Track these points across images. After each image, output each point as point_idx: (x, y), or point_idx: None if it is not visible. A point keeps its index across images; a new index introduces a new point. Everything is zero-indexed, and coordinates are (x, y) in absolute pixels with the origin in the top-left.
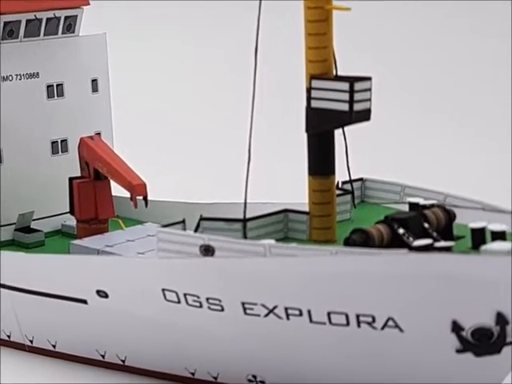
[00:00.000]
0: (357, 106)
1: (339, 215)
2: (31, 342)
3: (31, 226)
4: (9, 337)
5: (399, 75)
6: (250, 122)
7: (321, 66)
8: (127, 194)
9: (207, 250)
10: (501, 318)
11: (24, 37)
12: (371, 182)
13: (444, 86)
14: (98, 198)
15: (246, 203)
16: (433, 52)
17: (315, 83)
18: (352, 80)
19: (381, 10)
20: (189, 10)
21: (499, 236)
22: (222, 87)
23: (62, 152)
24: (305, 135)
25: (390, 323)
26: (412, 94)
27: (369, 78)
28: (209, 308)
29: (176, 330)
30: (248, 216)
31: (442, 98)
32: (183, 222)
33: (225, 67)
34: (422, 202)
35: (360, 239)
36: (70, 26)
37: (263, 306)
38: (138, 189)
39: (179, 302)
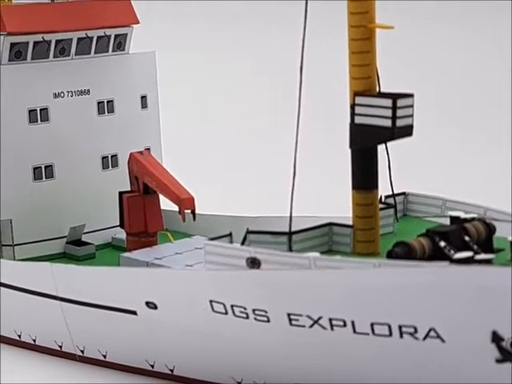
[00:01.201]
0: (399, 122)
1: (382, 228)
2: (82, 352)
3: (82, 239)
4: (60, 347)
5: (440, 91)
6: (295, 138)
7: (364, 83)
8: (176, 208)
9: (253, 263)
10: None
11: (75, 54)
12: (413, 196)
13: (484, 102)
14: (148, 211)
15: (291, 217)
16: (473, 69)
17: (359, 100)
18: (395, 97)
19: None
20: (234, 28)
21: None
22: (268, 103)
23: (112, 167)
24: (349, 150)
25: (432, 334)
26: (452, 110)
27: (411, 95)
28: (255, 319)
29: (223, 341)
30: (293, 229)
31: (482, 115)
32: (230, 235)
33: (271, 84)
34: (462, 215)
35: (402, 252)
36: (120, 43)
37: (308, 317)
38: (186, 202)
39: (226, 313)
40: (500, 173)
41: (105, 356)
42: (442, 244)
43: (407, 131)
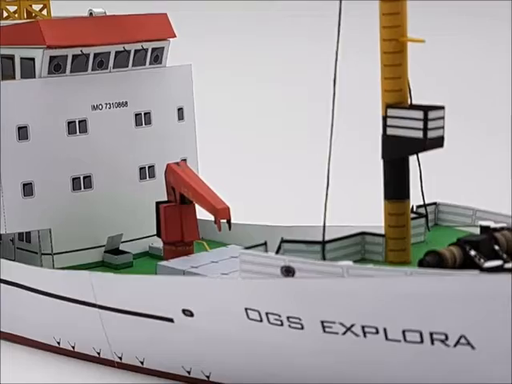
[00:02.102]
0: (431, 134)
1: (414, 238)
2: (120, 358)
3: (120, 248)
4: (98, 354)
5: (471, 103)
6: (328, 149)
7: (396, 96)
8: (211, 218)
9: (288, 271)
10: None
11: (113, 67)
12: (444, 206)
13: None
14: (184, 221)
15: (324, 226)
16: (504, 82)
17: (391, 112)
18: (426, 109)
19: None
20: (267, 42)
21: None
22: (302, 115)
23: (149, 177)
24: (381, 161)
25: (462, 341)
26: (484, 121)
27: (442, 107)
28: (289, 326)
29: (258, 348)
30: (327, 238)
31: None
32: (265, 244)
33: (304, 96)
34: (492, 225)
35: (434, 260)
36: (157, 57)
37: (341, 324)
38: (221, 212)
39: (261, 320)
40: None
41: (142, 363)
42: (473, 253)
43: (438, 142)
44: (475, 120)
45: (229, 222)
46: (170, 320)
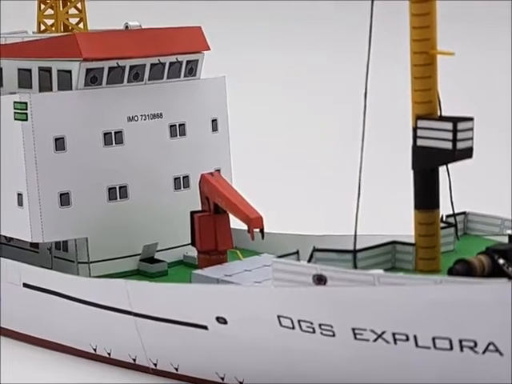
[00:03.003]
0: (460, 145)
1: (443, 246)
2: (155, 365)
3: (155, 257)
4: (134, 360)
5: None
6: (360, 159)
7: (426, 107)
8: (245, 227)
9: (320, 279)
10: None
11: (148, 79)
12: (473, 215)
13: None
14: (218, 230)
15: (356, 235)
16: None
17: (421, 123)
18: (455, 120)
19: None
20: (299, 54)
21: None
22: (333, 126)
23: (183, 187)
24: (411, 172)
25: (491, 348)
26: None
27: (471, 118)
28: (321, 333)
29: (290, 355)
30: (358, 247)
31: None
32: (297, 252)
33: (336, 108)
34: None
35: (463, 269)
36: (192, 69)
37: (372, 331)
38: (254, 222)
39: (293, 327)
40: None
41: (177, 369)
42: (501, 261)
43: (467, 153)
44: (503, 131)
45: (262, 231)
46: (204, 327)
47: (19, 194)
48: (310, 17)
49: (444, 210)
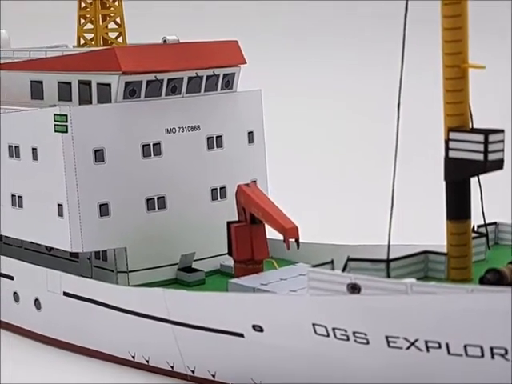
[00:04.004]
0: (491, 156)
1: (475, 256)
2: (193, 372)
3: (193, 266)
4: (172, 367)
5: None
6: (393, 170)
7: (458, 120)
8: (280, 237)
9: (354, 288)
10: None
11: (186, 92)
12: (504, 225)
13: None
14: (254, 240)
15: (389, 245)
16: None
17: (453, 135)
18: (487, 132)
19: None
20: (332, 67)
21: None
22: (367, 138)
23: (220, 198)
24: (443, 183)
25: None
26: None
27: (501, 131)
28: (355, 341)
29: (325, 362)
30: (391, 257)
31: None
32: (332, 262)
33: (370, 119)
34: None
35: (494, 278)
36: (229, 82)
37: (405, 339)
38: (290, 232)
39: (328, 335)
40: None
41: (214, 376)
42: None
43: (498, 165)
44: None
45: (297, 240)
46: (241, 335)
47: (59, 205)
48: (344, 30)
49: (475, 220)
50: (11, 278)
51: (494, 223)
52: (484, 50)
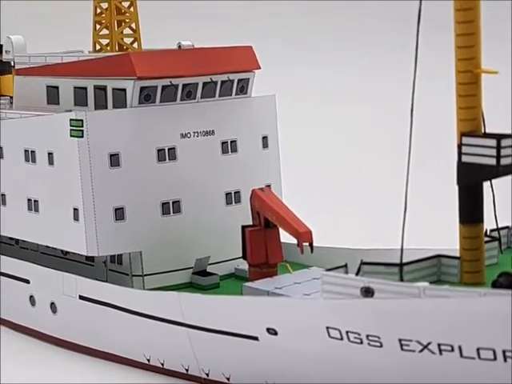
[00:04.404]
0: (503, 161)
1: (487, 260)
2: (207, 374)
3: (207, 270)
4: (187, 370)
5: None
6: (406, 175)
7: (470, 124)
8: (294, 241)
9: (367, 292)
10: None
11: (201, 98)
12: None
13: None
14: (268, 244)
15: (402, 249)
16: None
17: (465, 140)
18: (499, 137)
19: None
20: (346, 72)
21: None
22: (380, 142)
23: (235, 202)
24: (456, 187)
25: None
26: None
27: None
28: (369, 344)
29: (339, 365)
30: (404, 261)
31: None
32: (345, 266)
33: (383, 124)
34: None
35: (506, 282)
36: (243, 87)
37: (418, 342)
38: (304, 236)
39: (342, 338)
40: None
41: (228, 379)
42: None
43: (511, 169)
44: None
45: (311, 244)
46: (255, 338)
47: (75, 209)
48: (357, 35)
49: (488, 224)
50: (27, 281)
51: (507, 227)
52: (496, 54)
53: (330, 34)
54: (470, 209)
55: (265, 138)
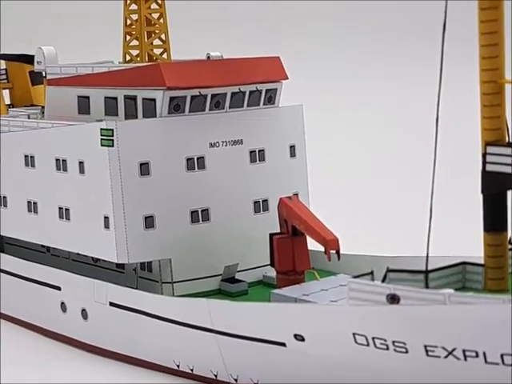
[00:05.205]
0: None
1: (511, 267)
2: (236, 380)
3: (236, 277)
4: (215, 376)
5: None
6: (431, 183)
7: (495, 134)
8: (322, 248)
9: (393, 299)
10: None
11: (229, 107)
12: None
13: None
14: (296, 251)
15: (427, 256)
16: None
17: (490, 149)
18: None
19: None
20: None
21: None
22: (405, 151)
23: (263, 211)
24: (480, 196)
25: None
26: None
27: None
28: (395, 350)
29: (365, 371)
30: (430, 268)
31: None
32: (372, 273)
33: (408, 133)
34: None
35: None
36: (271, 98)
37: (443, 348)
38: (331, 243)
39: (368, 345)
40: None
41: None
42: None
43: None
44: None
45: (338, 252)
46: (283, 344)
47: (105, 217)
48: (383, 46)
49: None
50: (59, 288)
51: None
52: None
53: (356, 43)
54: (494, 217)
55: (292, 147)
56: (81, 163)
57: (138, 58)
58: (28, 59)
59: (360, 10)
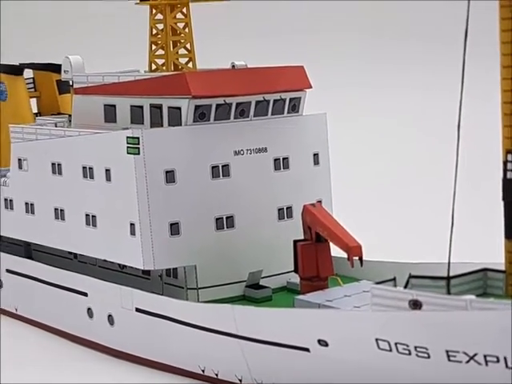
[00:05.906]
0: None
1: None
2: None
3: (260, 283)
4: (240, 380)
5: None
6: (453, 190)
7: None
8: (345, 255)
9: (415, 305)
10: None
11: (254, 116)
12: None
13: None
14: (319, 258)
15: (449, 263)
16: None
17: (511, 157)
18: None
19: None
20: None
21: None
22: (427, 159)
23: (287, 217)
24: (501, 203)
25: None
26: None
27: None
28: (417, 355)
29: (388, 376)
30: (451, 274)
31: None
32: (394, 279)
33: (429, 139)
34: None
35: None
36: (295, 106)
37: (465, 353)
38: (354, 250)
39: (391, 350)
40: None
41: None
42: None
43: None
44: None
45: (361, 259)
46: (307, 349)
47: (132, 224)
48: (405, 54)
49: None
50: (85, 294)
51: None
52: None
53: (380, 53)
54: None
55: (316, 155)
56: (107, 171)
57: (164, 67)
58: (55, 68)
59: (384, 18)
